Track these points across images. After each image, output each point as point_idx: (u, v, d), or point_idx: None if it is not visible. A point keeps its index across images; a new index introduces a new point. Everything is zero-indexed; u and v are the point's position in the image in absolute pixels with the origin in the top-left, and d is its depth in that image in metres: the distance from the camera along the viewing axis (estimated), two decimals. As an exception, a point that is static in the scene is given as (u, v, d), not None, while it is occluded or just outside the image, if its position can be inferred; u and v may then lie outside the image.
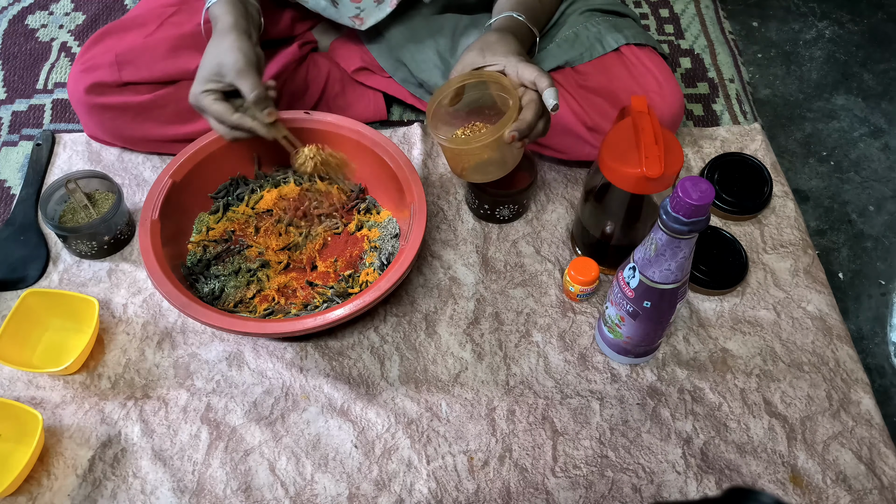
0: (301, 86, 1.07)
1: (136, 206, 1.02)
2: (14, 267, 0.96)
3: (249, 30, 0.87)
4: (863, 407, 0.85)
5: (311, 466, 0.81)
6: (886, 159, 1.16)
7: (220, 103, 0.83)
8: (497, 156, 0.84)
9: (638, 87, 0.94)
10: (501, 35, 0.85)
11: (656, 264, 0.72)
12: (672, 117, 0.95)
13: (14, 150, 1.10)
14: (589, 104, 0.97)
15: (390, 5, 0.98)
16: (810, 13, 1.38)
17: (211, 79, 0.82)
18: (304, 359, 0.89)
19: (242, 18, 0.86)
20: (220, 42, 0.83)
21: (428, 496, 0.79)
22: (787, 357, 0.89)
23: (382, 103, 1.12)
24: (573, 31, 0.98)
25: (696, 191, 0.64)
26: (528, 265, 0.97)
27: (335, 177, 0.94)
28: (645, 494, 0.79)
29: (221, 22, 0.85)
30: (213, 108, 0.82)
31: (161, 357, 0.89)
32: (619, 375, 0.88)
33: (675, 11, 1.33)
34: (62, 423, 0.84)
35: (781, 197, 1.04)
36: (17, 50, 1.24)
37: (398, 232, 0.95)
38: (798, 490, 0.80)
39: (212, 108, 0.82)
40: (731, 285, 0.94)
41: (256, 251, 0.94)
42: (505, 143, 0.79)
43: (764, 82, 1.26)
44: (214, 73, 0.82)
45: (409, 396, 0.86)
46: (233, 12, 0.86)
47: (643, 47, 0.97)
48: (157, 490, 0.79)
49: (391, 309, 0.93)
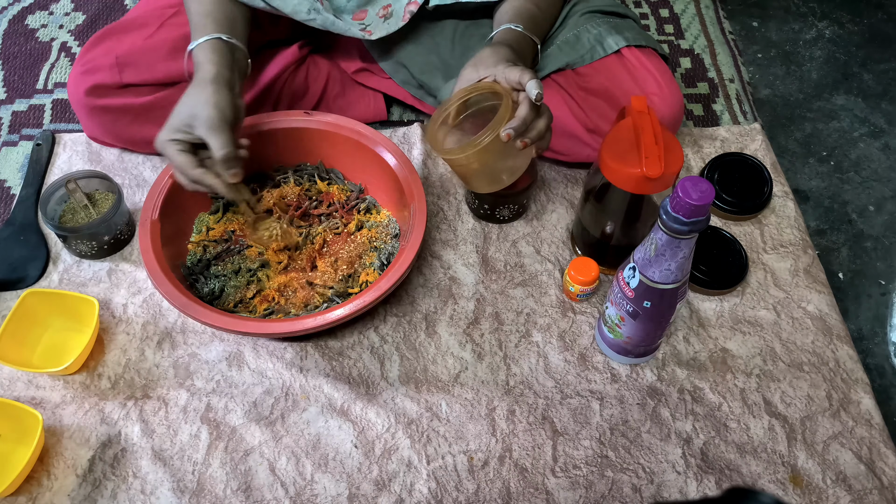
0: (301, 86, 1.07)
1: (136, 206, 1.02)
2: (14, 267, 0.96)
3: (233, 80, 0.84)
4: (863, 407, 0.85)
5: (311, 466, 0.81)
6: (886, 159, 1.16)
7: (185, 155, 0.80)
8: (503, 162, 0.83)
9: (638, 89, 0.94)
10: (494, 48, 0.85)
11: (656, 264, 0.72)
12: (672, 119, 0.95)
13: (14, 150, 1.10)
14: (589, 106, 0.97)
15: (402, 20, 0.98)
16: (810, 13, 1.38)
17: (181, 129, 0.80)
18: (304, 359, 0.89)
19: (226, 69, 0.83)
20: (199, 93, 0.81)
21: (428, 496, 0.79)
22: (787, 357, 0.89)
23: (382, 104, 1.12)
24: (574, 34, 0.98)
25: (696, 191, 0.64)
26: (528, 265, 0.97)
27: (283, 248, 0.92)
28: (645, 494, 0.79)
29: (203, 70, 0.83)
30: (176, 159, 0.80)
31: (161, 357, 0.89)
32: (619, 375, 0.88)
33: (675, 11, 1.33)
34: (62, 423, 0.84)
35: (781, 197, 1.04)
36: (17, 50, 1.24)
37: (398, 232, 0.95)
38: (798, 490, 0.80)
39: (176, 158, 0.80)
40: (731, 285, 0.94)
41: (256, 251, 0.94)
42: (508, 147, 0.79)
43: (764, 82, 1.26)
44: (185, 124, 0.80)
45: (409, 396, 0.86)
46: (217, 61, 0.83)
47: (644, 49, 0.97)
48: (157, 490, 0.79)
49: (391, 309, 0.93)
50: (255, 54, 1.05)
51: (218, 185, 0.81)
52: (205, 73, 0.82)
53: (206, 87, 0.81)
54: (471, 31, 1.04)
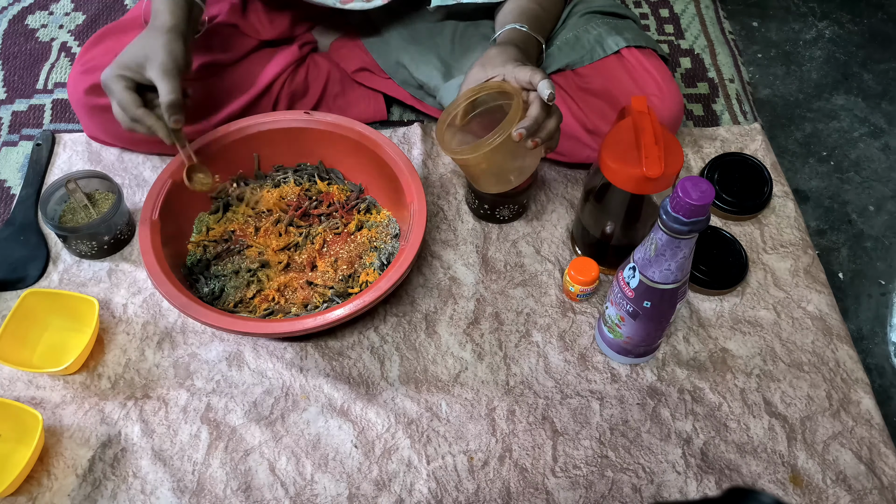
0: (301, 86, 1.07)
1: (136, 206, 1.02)
2: (14, 267, 0.96)
3: (187, 33, 0.87)
4: (863, 407, 0.85)
5: (311, 466, 0.81)
6: (886, 159, 1.16)
7: (130, 93, 0.82)
8: (513, 162, 0.83)
9: (638, 90, 0.94)
10: (502, 48, 0.85)
11: (656, 264, 0.72)
12: (672, 120, 0.95)
13: (14, 150, 1.10)
14: (589, 107, 0.97)
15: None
16: (810, 13, 1.38)
17: (130, 67, 0.82)
18: (304, 359, 0.89)
19: (183, 22, 0.86)
20: (155, 38, 0.83)
21: (428, 496, 0.79)
22: (787, 357, 0.89)
23: (382, 103, 1.12)
24: (574, 34, 0.98)
25: (696, 191, 0.64)
26: (528, 265, 0.97)
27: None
28: (645, 494, 0.79)
29: (161, 19, 0.85)
30: (121, 96, 0.82)
31: (161, 357, 0.89)
32: (619, 375, 0.88)
33: (675, 11, 1.33)
34: (62, 423, 0.84)
35: (781, 197, 1.04)
36: (17, 50, 1.24)
37: (398, 232, 0.95)
38: (798, 490, 0.80)
39: (121, 95, 0.82)
40: (731, 285, 0.94)
41: (256, 251, 0.94)
42: (518, 147, 0.79)
43: (764, 82, 1.26)
44: (137, 64, 0.82)
45: (409, 396, 0.86)
46: (176, 13, 0.86)
47: (643, 50, 0.97)
48: (157, 490, 0.79)
49: (391, 309, 0.93)
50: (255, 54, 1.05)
51: (158, 128, 0.83)
52: (163, 22, 0.85)
53: (162, 34, 0.84)
54: (470, 31, 1.04)
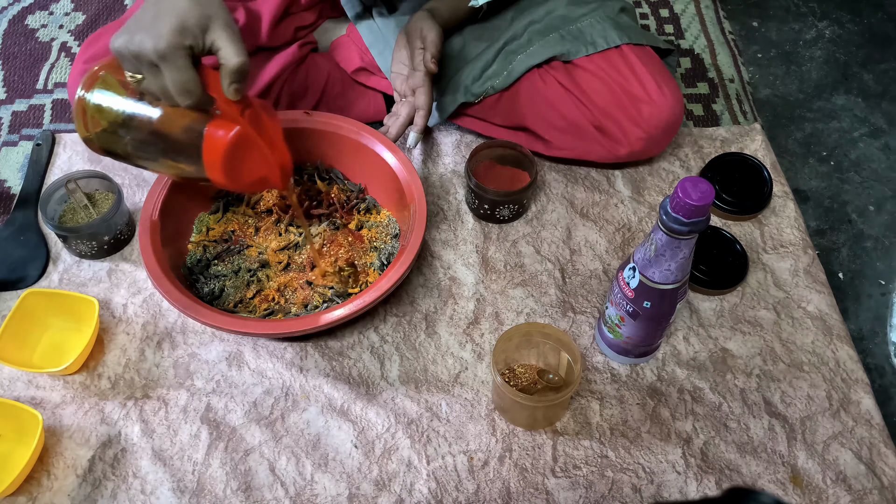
0: (301, 86, 1.07)
1: (136, 206, 1.02)
2: (14, 267, 0.96)
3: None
4: (863, 407, 0.85)
5: (311, 466, 0.81)
6: (886, 159, 1.16)
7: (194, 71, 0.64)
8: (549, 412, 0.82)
9: (637, 87, 0.94)
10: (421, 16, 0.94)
11: (656, 265, 0.72)
12: (672, 119, 0.95)
13: (14, 150, 1.10)
14: (592, 103, 0.97)
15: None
16: (810, 13, 1.38)
17: (193, 31, 0.62)
18: (304, 359, 0.89)
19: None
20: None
21: (428, 496, 0.79)
22: (787, 357, 0.89)
23: (382, 103, 1.12)
24: (577, 27, 0.98)
25: (696, 191, 0.64)
26: (528, 265, 0.97)
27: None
28: (645, 494, 0.79)
29: None
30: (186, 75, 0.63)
31: (161, 357, 0.89)
32: (619, 375, 0.88)
33: (675, 11, 1.33)
34: (62, 423, 0.84)
35: (781, 197, 1.04)
36: (17, 50, 1.24)
37: (398, 232, 0.95)
38: (798, 490, 0.80)
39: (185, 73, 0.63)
40: (731, 285, 0.94)
41: (256, 251, 0.94)
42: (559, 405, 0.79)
43: (764, 82, 1.26)
44: (200, 26, 0.62)
45: (409, 396, 0.86)
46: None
47: (644, 48, 0.97)
48: (157, 490, 0.79)
49: (391, 309, 0.93)
50: (255, 54, 1.05)
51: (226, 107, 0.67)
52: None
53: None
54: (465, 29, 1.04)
